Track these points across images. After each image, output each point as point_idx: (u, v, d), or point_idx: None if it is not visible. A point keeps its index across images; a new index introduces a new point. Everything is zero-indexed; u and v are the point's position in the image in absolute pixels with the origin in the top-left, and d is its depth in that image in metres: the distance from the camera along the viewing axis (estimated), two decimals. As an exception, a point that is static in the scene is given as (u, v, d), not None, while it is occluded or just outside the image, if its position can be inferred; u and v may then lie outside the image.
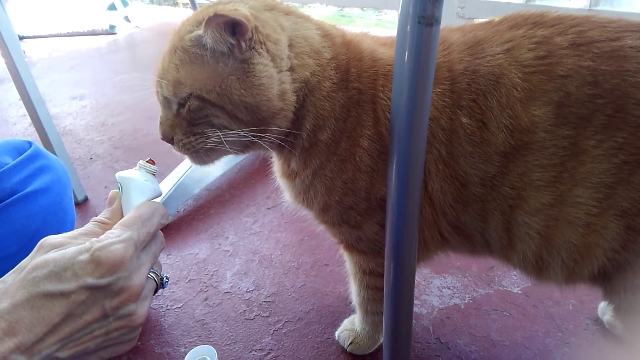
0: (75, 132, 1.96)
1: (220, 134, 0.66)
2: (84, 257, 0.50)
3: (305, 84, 0.68)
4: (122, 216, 0.59)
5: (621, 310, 0.69)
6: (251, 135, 0.67)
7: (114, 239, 0.51)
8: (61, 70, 2.71)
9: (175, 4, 4.46)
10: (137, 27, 3.49)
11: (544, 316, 0.98)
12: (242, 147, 0.70)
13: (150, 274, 0.57)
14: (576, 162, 0.62)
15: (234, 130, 0.66)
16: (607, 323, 0.94)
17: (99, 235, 0.54)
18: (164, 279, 0.61)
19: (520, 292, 1.05)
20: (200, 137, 0.67)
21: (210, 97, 0.64)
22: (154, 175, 0.64)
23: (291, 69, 0.67)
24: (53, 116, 2.05)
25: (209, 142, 0.67)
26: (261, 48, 0.64)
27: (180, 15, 3.80)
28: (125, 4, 3.52)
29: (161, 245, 0.60)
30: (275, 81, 0.65)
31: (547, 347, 0.92)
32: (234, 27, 0.61)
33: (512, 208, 0.66)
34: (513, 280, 1.07)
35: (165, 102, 0.68)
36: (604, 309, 0.96)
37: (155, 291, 0.60)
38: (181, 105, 0.66)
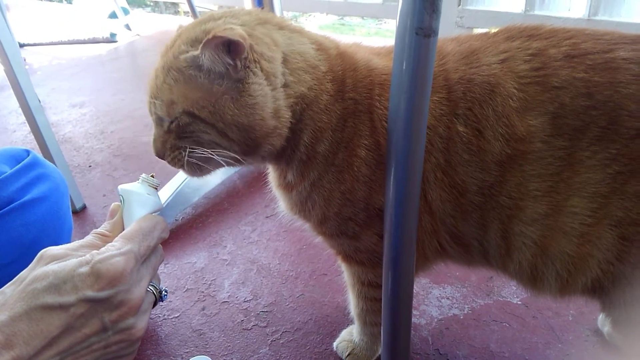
0: (74, 139, 1.96)
1: (208, 150, 0.66)
2: (84, 269, 0.49)
3: (302, 99, 0.67)
4: (124, 229, 0.59)
5: (619, 323, 0.68)
6: (242, 152, 0.67)
7: (115, 251, 0.51)
8: (61, 78, 2.71)
9: (177, 12, 4.49)
10: (138, 35, 3.50)
11: (544, 327, 0.98)
12: (233, 161, 0.70)
13: (150, 287, 0.57)
14: (572, 172, 0.62)
15: (224, 146, 0.66)
16: (607, 334, 0.94)
17: (100, 247, 0.54)
18: (163, 292, 0.61)
19: (519, 302, 1.04)
20: (184, 151, 0.67)
21: (201, 115, 0.64)
22: (155, 189, 0.64)
23: (285, 85, 0.66)
24: (53, 124, 2.05)
25: (196, 157, 0.67)
26: (255, 67, 0.63)
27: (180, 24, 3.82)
28: (126, 12, 3.54)
29: (161, 258, 0.60)
30: (269, 99, 0.64)
31: (547, 359, 0.91)
32: (229, 46, 0.61)
33: (509, 218, 0.66)
34: (512, 291, 1.07)
35: (158, 120, 0.68)
36: (603, 321, 0.95)
37: (154, 304, 0.59)
38: (172, 122, 0.66)
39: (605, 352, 0.92)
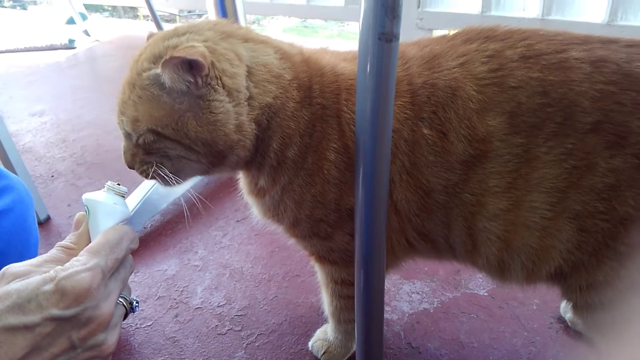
0: (35, 149, 1.91)
1: (177, 164, 0.67)
2: (48, 287, 0.47)
3: (269, 108, 0.69)
4: (90, 241, 0.57)
5: (579, 307, 0.72)
6: (210, 163, 0.68)
7: (80, 267, 0.49)
8: (19, 86, 2.63)
9: (136, 17, 4.41)
10: (97, 40, 3.43)
11: (510, 317, 1.02)
12: (202, 172, 0.71)
13: (120, 299, 0.55)
14: (529, 168, 0.65)
15: (192, 159, 0.67)
16: (570, 321, 0.98)
17: (64, 261, 0.52)
18: (134, 303, 0.59)
19: (486, 294, 1.08)
20: (152, 166, 0.68)
21: (165, 132, 0.64)
22: (123, 197, 0.61)
23: (250, 98, 0.67)
24: (12, 133, 1.99)
25: (165, 171, 0.68)
26: (217, 84, 0.64)
27: (140, 28, 3.76)
28: (84, 17, 3.46)
29: (131, 269, 0.57)
30: (232, 115, 0.65)
31: (514, 347, 0.95)
32: (190, 64, 0.62)
33: (473, 214, 0.69)
34: (479, 283, 1.11)
35: (127, 134, 0.69)
36: (566, 308, 1.00)
37: (125, 316, 0.58)
38: (138, 137, 0.67)
39: (569, 337, 0.97)
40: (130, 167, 0.70)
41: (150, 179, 0.69)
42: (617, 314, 0.68)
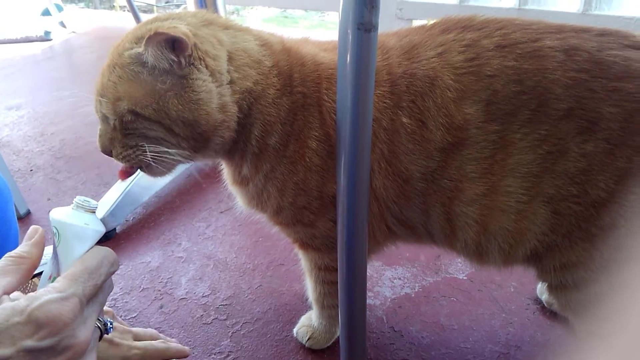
0: (12, 143, 1.88)
1: (157, 147, 0.67)
2: (20, 319, 0.44)
3: (249, 94, 0.70)
4: (55, 259, 0.54)
5: (553, 287, 0.75)
6: (191, 147, 0.68)
7: (55, 295, 0.46)
8: (-6, 80, 2.58)
9: (112, 8, 4.34)
10: (73, 32, 3.37)
11: (488, 299, 1.05)
12: (185, 157, 0.70)
13: (95, 323, 0.52)
14: (505, 154, 0.67)
15: (172, 142, 0.67)
16: (546, 301, 1.02)
17: (14, 273, 0.50)
18: (108, 324, 0.57)
19: (465, 278, 1.11)
20: (136, 149, 0.68)
21: (145, 112, 0.65)
22: (94, 212, 0.56)
23: (231, 82, 0.68)
24: (-13, 128, 1.96)
25: (147, 154, 0.67)
26: (200, 64, 0.65)
27: (117, 19, 3.70)
28: (60, 8, 3.39)
29: (109, 289, 0.55)
30: (215, 95, 0.66)
31: (492, 328, 0.98)
32: (173, 44, 0.63)
33: (450, 199, 0.71)
34: (458, 267, 1.13)
35: (104, 117, 0.69)
36: (542, 289, 1.03)
37: (100, 338, 0.56)
38: (116, 119, 0.67)
39: (545, 317, 1.00)
40: (105, 152, 0.70)
41: (130, 164, 0.70)
42: (590, 294, 0.71)
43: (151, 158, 0.68)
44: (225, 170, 0.82)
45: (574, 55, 0.65)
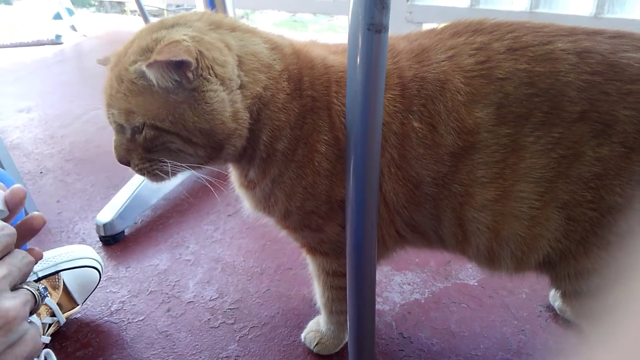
0: (23, 145, 1.89)
1: (176, 160, 0.67)
2: None
3: (259, 99, 0.69)
4: None
5: (567, 295, 0.73)
6: (207, 156, 0.68)
7: None
8: (6, 83, 2.60)
9: (123, 12, 4.37)
10: (84, 36, 3.39)
11: (500, 306, 1.03)
12: (199, 165, 0.71)
13: (25, 288, 0.52)
14: (517, 158, 0.66)
15: (190, 152, 0.67)
16: (559, 309, 1.00)
17: None
18: (42, 290, 0.55)
19: (476, 284, 1.09)
20: (156, 162, 0.68)
21: (164, 126, 0.64)
22: None
23: (242, 87, 0.67)
24: (-1, 130, 1.97)
25: (166, 166, 0.68)
26: (209, 74, 0.64)
27: (128, 23, 3.72)
28: (71, 12, 3.41)
29: (24, 259, 0.52)
30: (227, 103, 0.66)
31: (504, 335, 0.96)
32: (177, 63, 0.61)
33: (461, 205, 0.69)
34: (469, 273, 1.12)
35: (119, 128, 0.68)
36: (554, 296, 1.01)
37: (36, 304, 0.54)
38: (135, 131, 0.66)
39: (558, 325, 0.98)
40: (122, 162, 0.70)
41: (148, 176, 0.69)
42: (605, 302, 0.70)
43: (169, 170, 0.68)
44: (233, 174, 0.82)
45: (587, 57, 0.63)
